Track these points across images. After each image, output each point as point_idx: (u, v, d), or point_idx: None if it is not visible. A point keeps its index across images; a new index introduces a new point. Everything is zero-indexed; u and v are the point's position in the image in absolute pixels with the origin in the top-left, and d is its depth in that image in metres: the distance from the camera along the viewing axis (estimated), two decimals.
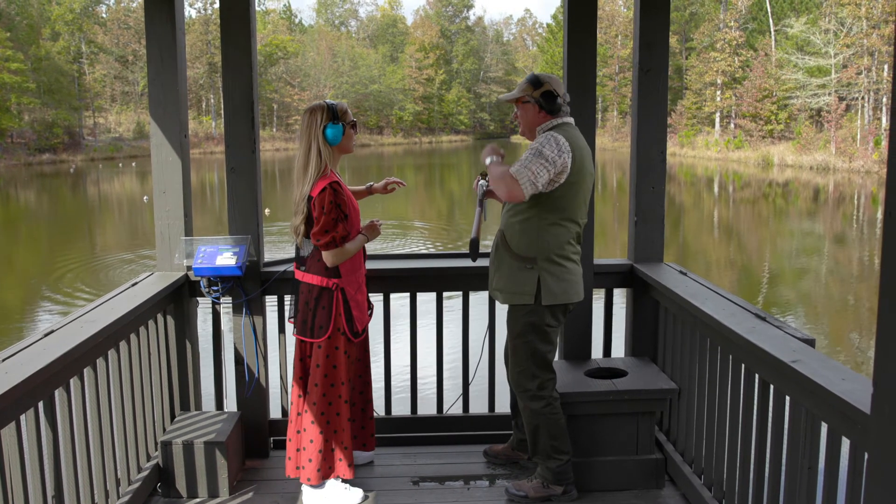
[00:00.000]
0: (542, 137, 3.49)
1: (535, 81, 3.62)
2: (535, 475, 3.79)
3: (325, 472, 3.75)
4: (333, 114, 3.62)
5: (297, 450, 3.80)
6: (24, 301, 14.16)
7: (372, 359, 4.06)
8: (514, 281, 3.61)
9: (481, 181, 3.83)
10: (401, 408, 4.65)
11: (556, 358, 4.41)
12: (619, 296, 4.64)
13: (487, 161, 3.69)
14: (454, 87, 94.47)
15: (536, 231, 3.55)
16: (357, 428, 4.02)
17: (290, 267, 4.24)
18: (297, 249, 3.78)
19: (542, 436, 3.69)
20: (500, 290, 3.69)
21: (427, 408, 4.63)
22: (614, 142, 66.22)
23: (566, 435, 3.73)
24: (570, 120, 3.66)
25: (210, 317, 4.30)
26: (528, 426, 3.74)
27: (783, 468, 2.78)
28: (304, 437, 3.75)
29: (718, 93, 56.08)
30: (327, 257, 3.61)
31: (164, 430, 4.04)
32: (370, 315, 3.95)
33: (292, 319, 3.85)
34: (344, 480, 3.82)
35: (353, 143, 3.78)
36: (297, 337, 3.78)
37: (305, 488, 3.79)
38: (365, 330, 3.84)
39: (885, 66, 44.13)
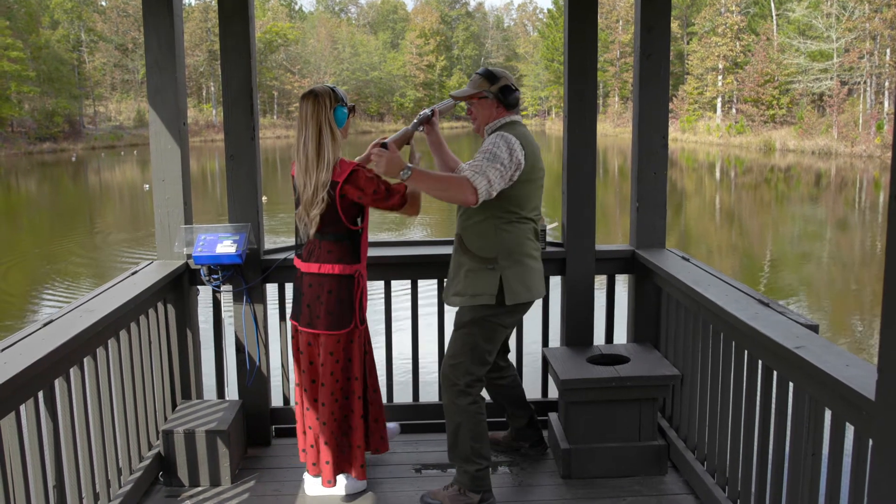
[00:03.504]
0: (492, 139, 3.40)
1: (491, 76, 3.52)
2: (453, 481, 3.65)
3: (339, 471, 3.66)
4: (338, 96, 3.47)
5: (312, 446, 3.69)
6: (26, 290, 14.16)
7: (374, 346, 4.02)
8: (474, 282, 3.48)
9: (426, 111, 3.76)
10: (402, 395, 4.63)
11: (558, 344, 4.40)
12: (621, 282, 4.62)
13: (406, 172, 3.30)
14: (455, 73, 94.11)
15: (494, 231, 3.46)
16: (380, 426, 3.82)
17: (291, 255, 4.21)
18: (301, 241, 3.62)
19: (463, 436, 3.55)
20: (459, 293, 3.54)
21: (429, 395, 4.62)
22: (616, 127, 66.04)
23: (487, 440, 3.61)
24: (518, 117, 3.58)
25: (210, 305, 4.29)
26: (449, 424, 3.60)
27: (786, 455, 2.77)
28: (311, 434, 3.66)
29: (720, 78, 55.86)
30: (411, 208, 3.51)
31: (166, 418, 4.03)
32: None
33: (295, 319, 3.65)
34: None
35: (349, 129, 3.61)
36: (308, 331, 3.59)
37: (309, 478, 3.76)
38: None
39: (888, 50, 43.96)
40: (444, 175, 3.37)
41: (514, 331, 4.14)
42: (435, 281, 4.40)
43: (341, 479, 3.74)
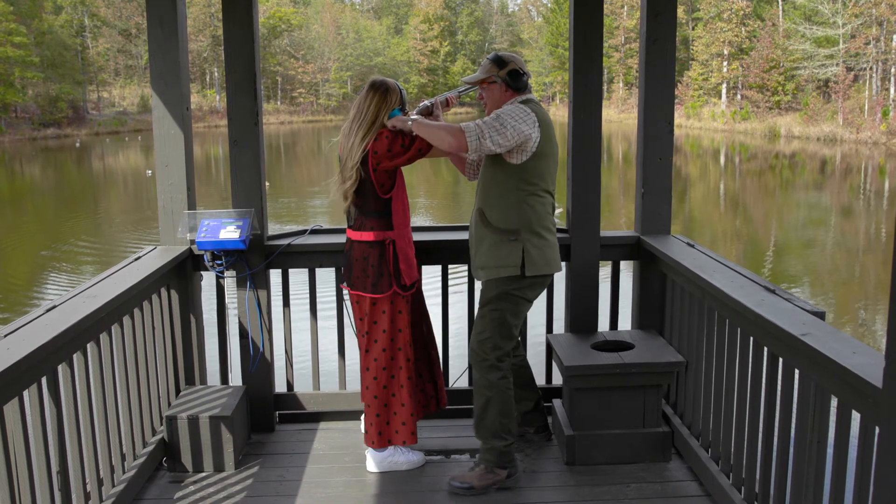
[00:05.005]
0: (507, 106, 3.50)
1: (499, 61, 3.59)
2: (479, 460, 3.69)
3: (387, 436, 3.79)
4: (402, 100, 3.70)
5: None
6: (29, 276, 14.18)
7: None
8: (497, 254, 3.55)
9: (426, 102, 3.85)
10: None
11: (562, 331, 4.39)
12: (626, 268, 4.61)
13: (411, 122, 3.58)
14: (459, 59, 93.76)
15: (516, 203, 3.52)
16: (431, 389, 4.00)
17: (294, 240, 4.26)
18: (349, 215, 3.78)
19: (492, 411, 3.60)
20: (483, 266, 3.62)
21: None
22: (620, 113, 65.84)
23: (514, 416, 3.68)
24: (534, 97, 3.64)
25: (214, 291, 4.28)
26: (478, 399, 3.65)
27: (792, 442, 2.76)
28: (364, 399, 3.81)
29: (725, 63, 55.58)
30: (453, 143, 3.58)
31: (169, 404, 4.03)
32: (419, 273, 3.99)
33: (346, 284, 3.84)
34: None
35: None
36: (355, 293, 3.77)
37: (369, 452, 3.85)
38: (414, 285, 3.82)
39: (894, 36, 43.69)
40: (440, 124, 3.54)
41: None
42: (439, 267, 4.38)
43: (396, 451, 3.86)
